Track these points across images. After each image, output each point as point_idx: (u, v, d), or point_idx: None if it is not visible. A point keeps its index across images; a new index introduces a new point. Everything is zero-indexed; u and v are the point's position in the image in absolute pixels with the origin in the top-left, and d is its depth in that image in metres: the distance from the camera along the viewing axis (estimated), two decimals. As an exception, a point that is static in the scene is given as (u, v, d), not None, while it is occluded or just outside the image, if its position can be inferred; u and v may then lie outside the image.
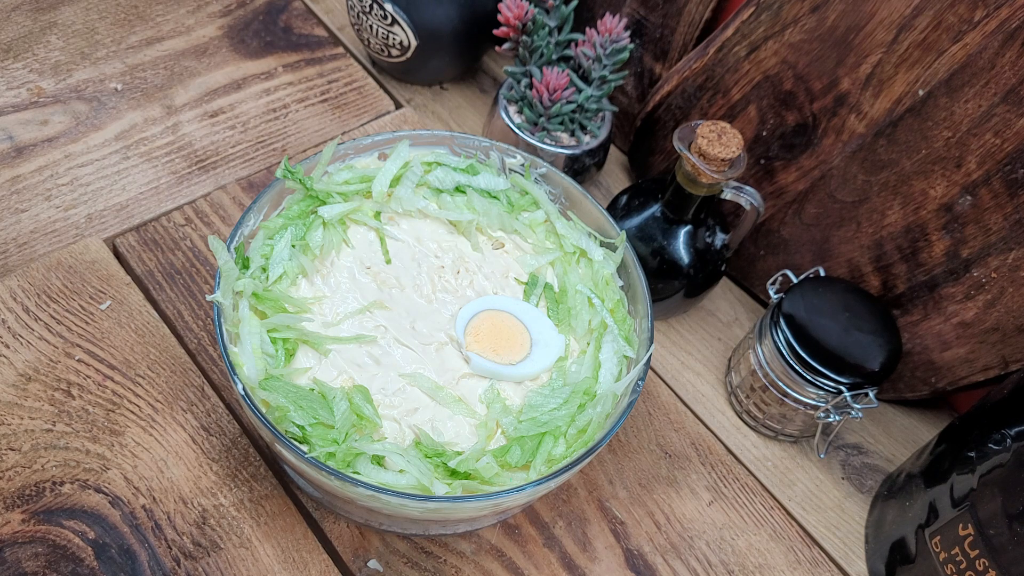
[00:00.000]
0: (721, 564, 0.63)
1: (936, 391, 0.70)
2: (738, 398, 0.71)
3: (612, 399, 0.56)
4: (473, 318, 0.58)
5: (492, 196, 0.65)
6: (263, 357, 0.53)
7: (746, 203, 0.66)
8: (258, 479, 0.60)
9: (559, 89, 0.73)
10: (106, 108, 0.79)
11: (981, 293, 0.64)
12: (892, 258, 0.68)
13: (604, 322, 0.59)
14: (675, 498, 0.66)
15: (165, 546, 0.56)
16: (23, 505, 0.56)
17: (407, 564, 0.58)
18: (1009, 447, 0.53)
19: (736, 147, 0.62)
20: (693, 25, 0.76)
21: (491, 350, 0.57)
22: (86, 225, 0.71)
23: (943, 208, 0.64)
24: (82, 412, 0.60)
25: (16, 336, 0.63)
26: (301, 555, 0.57)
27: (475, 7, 0.81)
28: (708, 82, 0.74)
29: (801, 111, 0.69)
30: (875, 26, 0.62)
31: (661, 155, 0.81)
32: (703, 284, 0.72)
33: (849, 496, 0.69)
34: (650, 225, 0.70)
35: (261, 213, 0.58)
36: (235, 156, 0.78)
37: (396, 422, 0.53)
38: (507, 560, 0.60)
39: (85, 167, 0.74)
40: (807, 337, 0.63)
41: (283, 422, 0.50)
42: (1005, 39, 0.57)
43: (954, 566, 0.55)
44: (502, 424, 0.54)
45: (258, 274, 0.56)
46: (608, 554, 0.62)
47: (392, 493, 0.48)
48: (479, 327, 0.58)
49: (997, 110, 0.59)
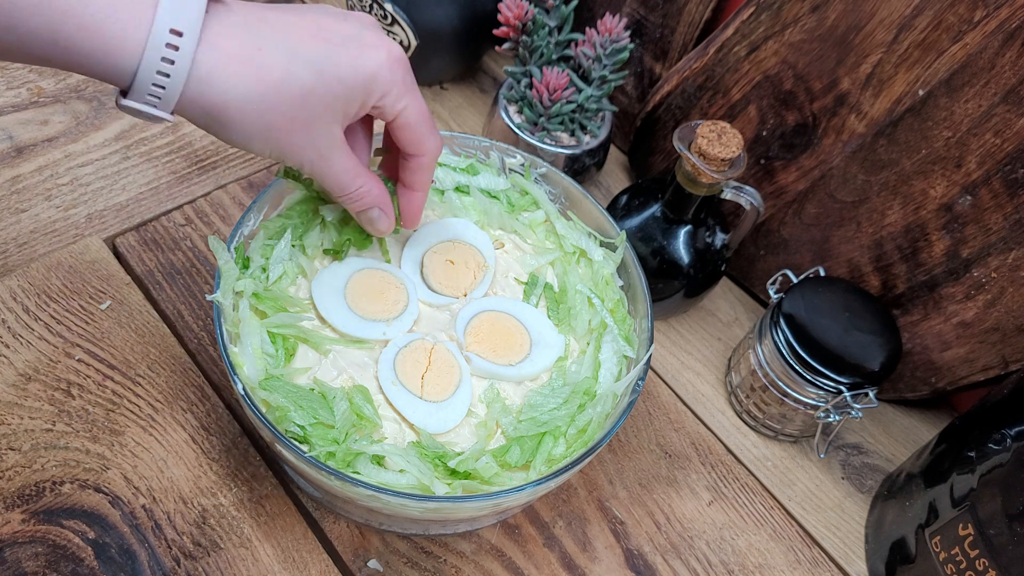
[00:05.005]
0: (721, 564, 0.63)
1: (936, 391, 0.70)
2: (738, 398, 0.71)
3: (612, 399, 0.56)
4: (473, 318, 0.58)
5: (492, 196, 0.65)
6: (263, 357, 0.53)
7: (746, 203, 0.66)
8: (258, 479, 0.60)
9: (559, 89, 0.73)
10: (106, 108, 0.79)
11: (981, 293, 0.64)
12: (892, 258, 0.68)
13: (604, 322, 0.59)
14: (675, 498, 0.66)
15: (165, 546, 0.56)
16: (23, 505, 0.56)
17: (407, 564, 0.58)
18: (1009, 447, 0.53)
19: (736, 147, 0.62)
20: (693, 25, 0.76)
21: (491, 350, 0.57)
22: (86, 225, 0.71)
23: (943, 208, 0.64)
24: (82, 412, 0.60)
25: (16, 336, 0.63)
26: (301, 555, 0.57)
27: (475, 7, 0.81)
28: (708, 82, 0.74)
29: (801, 111, 0.69)
30: (875, 26, 0.62)
31: (661, 155, 0.81)
32: (703, 284, 0.72)
33: (849, 496, 0.69)
34: (650, 225, 0.70)
35: (261, 213, 0.58)
36: (235, 156, 0.78)
37: (396, 422, 0.53)
38: (507, 560, 0.60)
39: (85, 167, 0.74)
40: (807, 337, 0.63)
41: (283, 422, 0.50)
42: (1005, 39, 0.57)
43: (954, 566, 0.55)
44: (502, 424, 0.54)
45: (258, 274, 0.56)
46: (608, 554, 0.62)
47: (392, 493, 0.48)
48: (479, 327, 0.58)
49: (997, 110, 0.59)
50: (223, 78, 0.42)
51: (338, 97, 0.46)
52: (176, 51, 0.40)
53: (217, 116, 0.43)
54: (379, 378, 0.54)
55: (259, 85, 0.43)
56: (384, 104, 0.48)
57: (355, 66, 0.46)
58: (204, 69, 0.42)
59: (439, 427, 0.53)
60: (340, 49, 0.45)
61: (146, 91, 0.41)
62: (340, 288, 0.57)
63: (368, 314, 0.56)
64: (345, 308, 0.56)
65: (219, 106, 0.43)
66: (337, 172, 0.49)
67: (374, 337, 0.56)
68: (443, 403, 0.54)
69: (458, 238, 0.62)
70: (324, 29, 0.46)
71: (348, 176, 0.50)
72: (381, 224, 0.54)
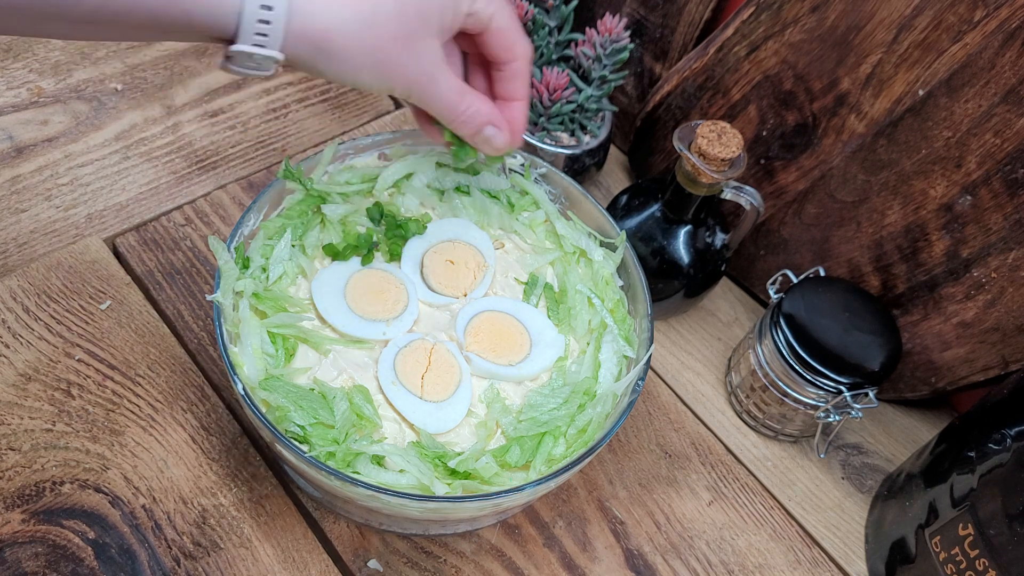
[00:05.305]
0: (721, 564, 0.63)
1: (936, 391, 0.70)
2: (738, 398, 0.71)
3: (612, 399, 0.56)
4: (473, 318, 0.58)
5: (492, 196, 0.65)
6: (263, 357, 0.53)
7: (746, 203, 0.66)
8: (258, 479, 0.60)
9: (559, 89, 0.73)
10: (106, 108, 0.79)
11: (981, 293, 0.64)
12: (892, 258, 0.68)
13: (604, 322, 0.59)
14: (675, 498, 0.66)
15: (165, 546, 0.56)
16: (23, 505, 0.56)
17: (407, 564, 0.58)
18: (1009, 447, 0.53)
19: (736, 147, 0.62)
20: (693, 25, 0.76)
21: (491, 350, 0.57)
22: (86, 225, 0.71)
23: (943, 208, 0.64)
24: (82, 412, 0.60)
25: (16, 336, 0.63)
26: (301, 555, 0.57)
27: (475, 7, 0.81)
28: (708, 82, 0.74)
29: (801, 111, 0.69)
30: (875, 26, 0.62)
31: (661, 155, 0.81)
32: (703, 284, 0.72)
33: (849, 496, 0.69)
34: (650, 225, 0.70)
35: (261, 213, 0.58)
36: (235, 156, 0.78)
37: (396, 422, 0.53)
38: (507, 560, 0.60)
39: (85, 167, 0.74)
40: (807, 337, 0.63)
41: (283, 422, 0.50)
42: (1005, 39, 0.57)
43: (954, 566, 0.55)
44: (502, 424, 0.54)
45: (258, 274, 0.56)
46: (608, 554, 0.62)
47: (392, 493, 0.48)
48: (479, 327, 0.58)
49: (997, 110, 0.59)
50: (323, 5, 0.44)
51: (433, 6, 0.47)
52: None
53: (323, 45, 0.45)
54: (379, 378, 0.54)
55: (358, 6, 0.44)
56: (476, 9, 0.49)
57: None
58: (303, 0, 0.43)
59: (439, 427, 0.53)
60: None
61: (252, 30, 0.42)
62: (340, 288, 0.57)
63: (368, 314, 0.56)
64: (345, 308, 0.56)
65: (323, 33, 0.44)
66: (444, 92, 0.49)
67: (374, 337, 0.56)
68: (443, 403, 0.54)
69: (458, 238, 0.62)
70: None
71: (456, 95, 0.50)
72: (498, 141, 0.53)
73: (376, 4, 0.45)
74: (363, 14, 0.45)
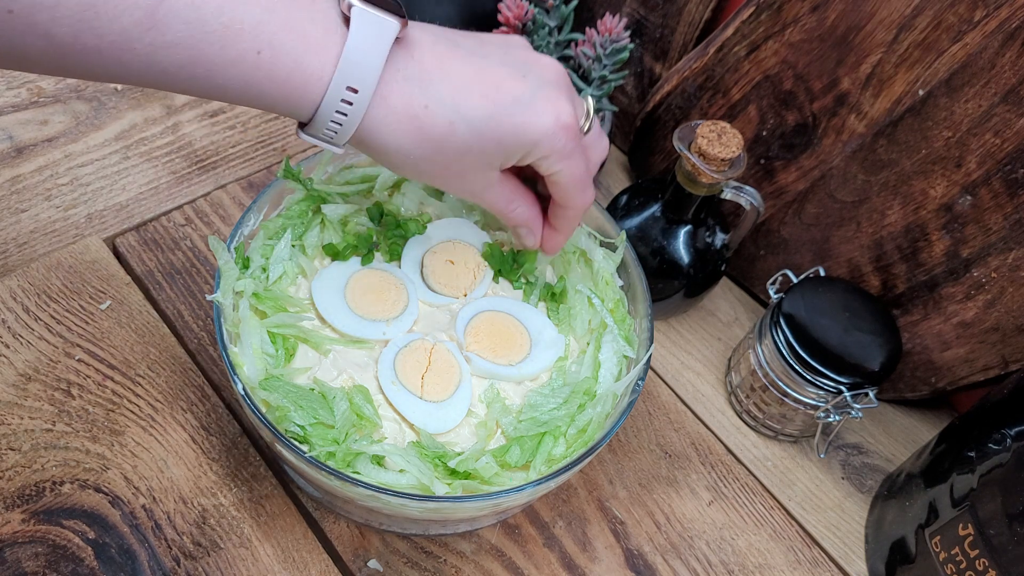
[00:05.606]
0: (721, 564, 0.63)
1: (936, 391, 0.70)
2: (738, 398, 0.71)
3: (612, 399, 0.56)
4: (473, 318, 0.58)
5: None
6: (263, 357, 0.53)
7: (746, 203, 0.66)
8: (258, 479, 0.60)
9: (559, 89, 0.73)
10: (106, 108, 0.79)
11: (981, 293, 0.64)
12: (892, 258, 0.68)
13: (604, 322, 0.59)
14: (675, 498, 0.66)
15: (165, 546, 0.56)
16: (23, 505, 0.56)
17: (407, 564, 0.58)
18: (1009, 447, 0.53)
19: (736, 147, 0.62)
20: (693, 25, 0.76)
21: (491, 350, 0.57)
22: (86, 225, 0.71)
23: (943, 208, 0.64)
24: (82, 412, 0.60)
25: (16, 336, 0.63)
26: (301, 555, 0.57)
27: (475, 7, 0.81)
28: (708, 82, 0.74)
29: (801, 111, 0.69)
30: (875, 26, 0.62)
31: (661, 155, 0.81)
32: (703, 284, 0.72)
33: (849, 496, 0.69)
34: (650, 225, 0.70)
35: (261, 213, 0.58)
36: (235, 156, 0.78)
37: (396, 422, 0.53)
38: (507, 560, 0.60)
39: (85, 167, 0.74)
40: (807, 337, 0.63)
41: (283, 422, 0.50)
42: (1005, 39, 0.57)
43: (954, 566, 0.55)
44: (502, 424, 0.54)
45: (258, 274, 0.56)
46: (608, 554, 0.62)
47: (392, 493, 0.48)
48: (479, 327, 0.58)
49: (997, 110, 0.59)
50: (388, 131, 0.46)
51: (495, 155, 0.48)
52: (350, 105, 0.44)
53: (379, 157, 0.48)
54: (379, 378, 0.54)
55: (420, 141, 0.46)
56: (540, 164, 0.50)
57: (517, 133, 0.47)
58: (372, 120, 0.45)
59: (439, 427, 0.53)
60: (506, 113, 0.47)
61: (322, 130, 0.46)
62: (340, 288, 0.57)
63: (368, 314, 0.56)
64: (345, 308, 0.56)
65: (382, 150, 0.47)
66: (490, 202, 0.53)
67: (374, 337, 0.56)
68: (443, 403, 0.54)
69: (458, 238, 0.62)
70: (498, 87, 0.47)
71: (501, 203, 0.53)
72: (527, 241, 0.56)
73: (440, 143, 0.46)
74: (423, 148, 0.47)
